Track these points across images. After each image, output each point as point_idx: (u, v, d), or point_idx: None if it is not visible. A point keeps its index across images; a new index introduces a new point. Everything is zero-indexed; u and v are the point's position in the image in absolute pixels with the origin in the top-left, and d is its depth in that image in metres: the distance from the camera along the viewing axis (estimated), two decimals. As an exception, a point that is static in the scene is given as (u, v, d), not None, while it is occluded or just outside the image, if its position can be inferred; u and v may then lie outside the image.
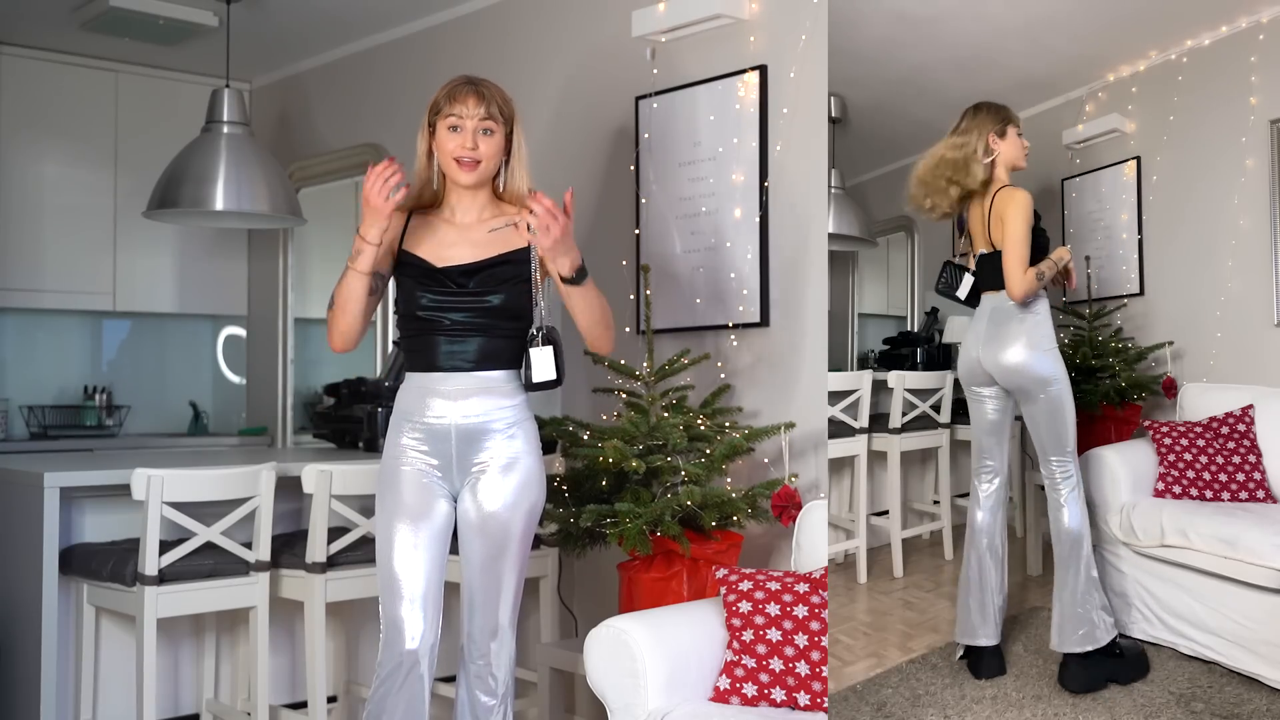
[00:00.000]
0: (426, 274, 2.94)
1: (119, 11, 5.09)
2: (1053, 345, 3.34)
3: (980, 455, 3.47)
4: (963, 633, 3.48)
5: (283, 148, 5.98)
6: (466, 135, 2.90)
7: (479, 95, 2.91)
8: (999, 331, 3.34)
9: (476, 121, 2.90)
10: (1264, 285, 3.44)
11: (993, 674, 3.40)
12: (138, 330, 6.30)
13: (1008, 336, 3.32)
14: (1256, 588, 3.15)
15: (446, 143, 2.92)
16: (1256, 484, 3.45)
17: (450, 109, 2.90)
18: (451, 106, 2.90)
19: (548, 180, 4.45)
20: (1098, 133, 3.89)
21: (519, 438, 2.94)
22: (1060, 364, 3.32)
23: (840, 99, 3.93)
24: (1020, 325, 3.31)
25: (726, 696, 2.90)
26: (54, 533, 3.64)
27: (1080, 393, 3.50)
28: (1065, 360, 3.37)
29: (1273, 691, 3.13)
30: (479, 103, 2.90)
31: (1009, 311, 3.31)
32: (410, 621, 2.88)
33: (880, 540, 4.09)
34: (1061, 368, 3.32)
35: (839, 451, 3.91)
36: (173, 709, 4.02)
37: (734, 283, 3.94)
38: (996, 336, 3.34)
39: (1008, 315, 3.32)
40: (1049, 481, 3.37)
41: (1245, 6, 3.47)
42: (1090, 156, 3.93)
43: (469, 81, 2.94)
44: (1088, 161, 3.94)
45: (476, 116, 2.90)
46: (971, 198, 3.41)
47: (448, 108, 2.91)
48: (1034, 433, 3.38)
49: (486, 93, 2.92)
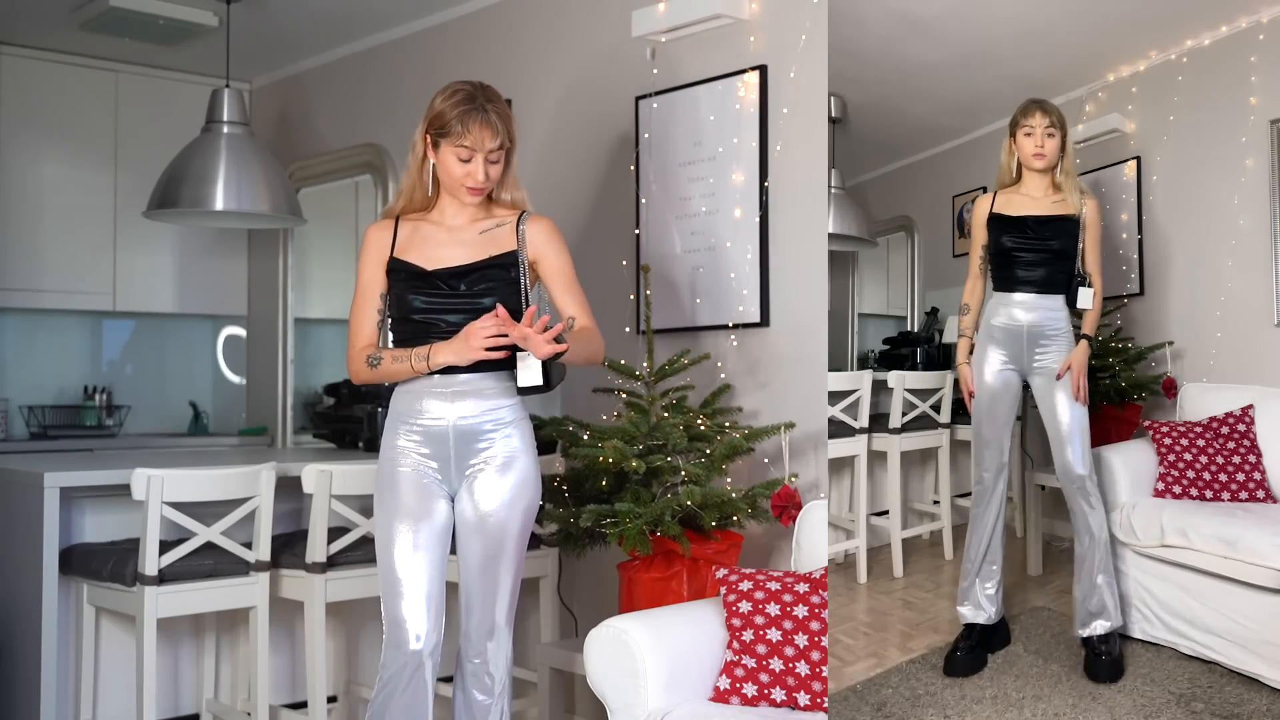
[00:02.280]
0: (418, 278, 2.93)
1: (119, 11, 5.09)
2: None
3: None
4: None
5: (283, 148, 5.98)
6: (478, 168, 2.88)
7: (493, 130, 2.85)
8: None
9: (488, 153, 2.88)
10: (1264, 285, 3.44)
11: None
12: (138, 330, 6.30)
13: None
14: (1257, 588, 3.15)
15: (454, 168, 2.89)
16: (1256, 484, 3.45)
17: (462, 139, 2.85)
18: (464, 137, 2.85)
19: (548, 180, 4.47)
20: (1098, 133, 3.89)
21: (515, 437, 2.94)
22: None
23: (840, 99, 3.93)
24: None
25: (726, 696, 2.90)
26: (54, 533, 3.64)
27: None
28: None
29: (1273, 691, 3.12)
30: (493, 137, 2.86)
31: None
32: (414, 622, 2.87)
33: (880, 540, 4.08)
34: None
35: (839, 451, 3.91)
36: (173, 709, 4.02)
37: (734, 283, 3.94)
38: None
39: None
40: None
41: (1245, 6, 3.46)
42: (1090, 156, 3.92)
43: (479, 109, 2.86)
44: (1088, 161, 3.93)
45: (489, 149, 2.87)
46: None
47: (459, 134, 2.85)
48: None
49: (498, 123, 2.86)
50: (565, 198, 4.46)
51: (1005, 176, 3.51)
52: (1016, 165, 3.48)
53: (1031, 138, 3.40)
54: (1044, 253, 3.42)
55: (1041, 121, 3.39)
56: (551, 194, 4.38)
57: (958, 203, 4.22)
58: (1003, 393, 3.46)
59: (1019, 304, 3.44)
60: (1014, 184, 3.50)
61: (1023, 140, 3.42)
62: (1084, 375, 3.38)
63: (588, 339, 2.98)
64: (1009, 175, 3.50)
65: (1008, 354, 3.45)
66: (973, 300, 3.55)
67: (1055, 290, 3.42)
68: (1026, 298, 3.43)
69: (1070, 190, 3.42)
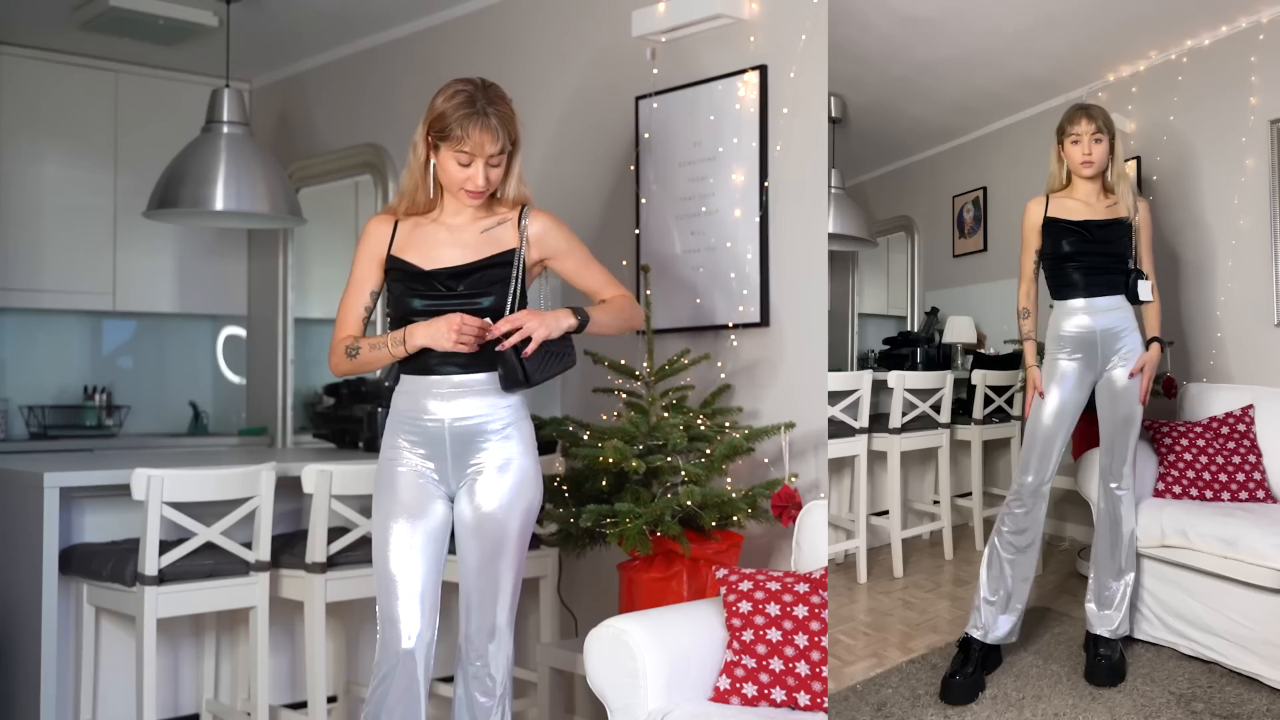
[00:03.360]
0: (415, 277, 2.92)
1: (119, 11, 5.09)
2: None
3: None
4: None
5: (283, 148, 5.98)
6: (478, 173, 2.85)
7: (493, 134, 2.81)
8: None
9: (488, 158, 2.85)
10: (1264, 285, 3.44)
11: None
12: (138, 330, 6.30)
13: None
14: (1257, 588, 3.15)
15: (455, 172, 2.86)
16: (1256, 484, 3.45)
17: (462, 144, 2.82)
18: (464, 142, 2.81)
19: (548, 180, 4.47)
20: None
21: (514, 438, 2.94)
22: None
23: (840, 99, 3.93)
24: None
25: (726, 696, 2.90)
26: (54, 533, 3.64)
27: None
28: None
29: (1273, 691, 3.13)
30: (494, 141, 2.82)
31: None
32: (406, 621, 2.87)
33: (880, 540, 4.08)
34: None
35: (839, 451, 3.91)
36: (173, 709, 4.02)
37: (734, 283, 3.94)
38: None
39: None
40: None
41: (1245, 6, 3.46)
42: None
43: (480, 113, 2.81)
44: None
45: (490, 154, 2.85)
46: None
47: (458, 139, 2.81)
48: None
49: (499, 127, 2.82)
50: (565, 198, 4.45)
51: (1055, 183, 3.45)
52: (1066, 172, 3.44)
53: (1079, 145, 3.35)
54: (1105, 256, 3.38)
55: (1088, 129, 3.35)
56: (551, 194, 4.37)
57: (958, 203, 4.22)
58: (1076, 400, 3.40)
59: (1087, 309, 3.38)
60: (1064, 189, 3.46)
61: (1070, 149, 3.37)
62: (1151, 378, 3.38)
63: (617, 309, 3.02)
64: (1058, 182, 3.45)
65: (1083, 359, 3.38)
66: (1030, 304, 3.48)
67: (1116, 291, 3.38)
68: (1093, 302, 3.38)
69: (1124, 193, 3.38)
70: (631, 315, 3.08)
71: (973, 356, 4.20)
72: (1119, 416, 3.38)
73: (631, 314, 3.08)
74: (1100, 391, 3.41)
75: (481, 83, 2.88)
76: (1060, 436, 3.39)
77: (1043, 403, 3.39)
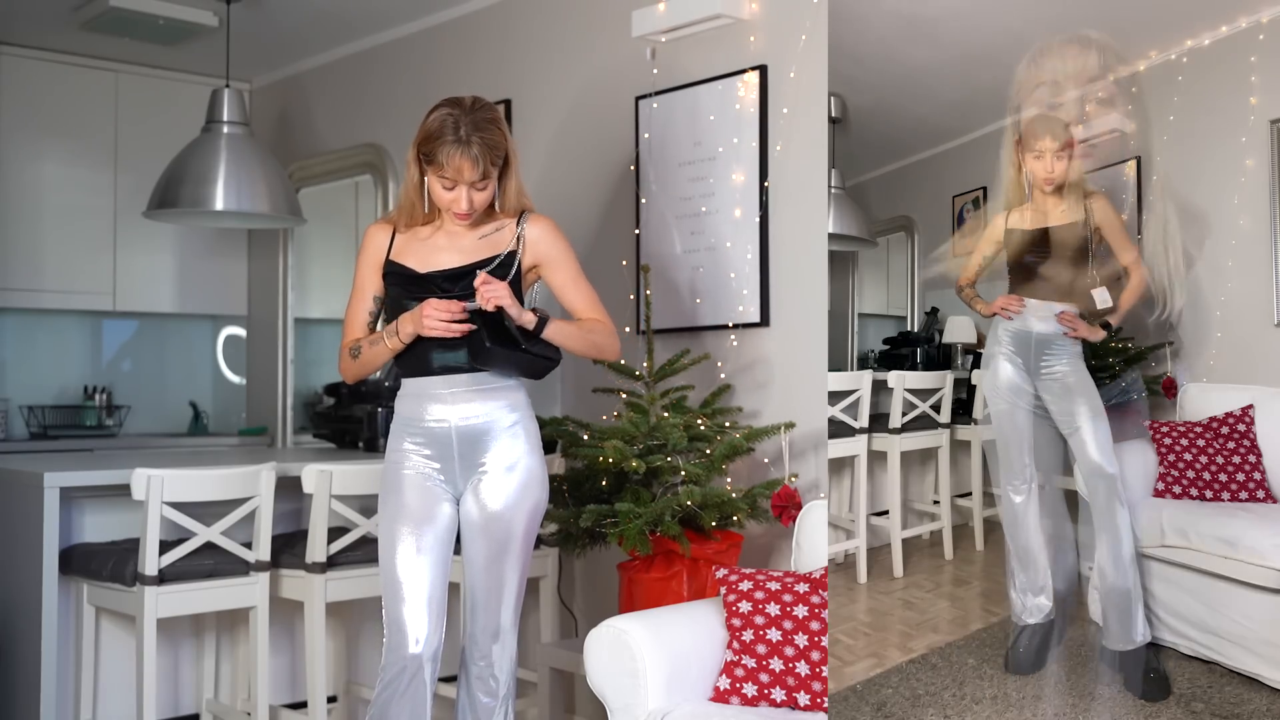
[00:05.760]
0: (412, 281, 2.93)
1: (119, 11, 5.09)
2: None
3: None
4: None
5: (283, 148, 5.98)
6: (461, 197, 2.86)
7: (472, 162, 2.80)
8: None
9: (470, 184, 2.85)
10: (1264, 285, 3.44)
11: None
12: (138, 330, 6.30)
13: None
14: (1257, 588, 3.15)
15: (441, 194, 2.88)
16: (1256, 484, 3.45)
17: (443, 171, 2.82)
18: (444, 169, 2.82)
19: (548, 181, 4.47)
20: (1098, 133, 3.89)
21: (520, 438, 2.94)
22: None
23: (840, 99, 3.93)
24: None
25: (726, 696, 2.90)
26: (54, 533, 3.64)
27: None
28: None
29: (1273, 691, 3.12)
30: (474, 169, 2.81)
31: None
32: (414, 626, 2.87)
33: (880, 540, 4.08)
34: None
35: (839, 451, 3.91)
36: (173, 709, 4.02)
37: (734, 283, 3.94)
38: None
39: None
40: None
41: (1245, 6, 3.46)
42: (1090, 156, 3.92)
43: (460, 141, 2.79)
44: (1087, 162, 3.93)
45: (470, 181, 2.84)
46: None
47: (439, 165, 2.82)
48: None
49: (480, 155, 2.80)
50: (565, 198, 4.46)
51: (1016, 196, 3.44)
52: (1028, 185, 3.44)
53: (1042, 161, 3.36)
54: (1061, 261, 3.39)
55: (1051, 146, 3.35)
56: (551, 194, 4.38)
57: (958, 203, 4.22)
58: (1024, 409, 3.45)
59: (1031, 311, 3.40)
60: (1024, 204, 3.46)
61: (1033, 163, 3.37)
62: (1078, 331, 3.39)
63: (586, 329, 2.99)
64: (1020, 195, 3.43)
65: (1022, 362, 3.41)
66: (969, 288, 3.54)
67: (1066, 298, 3.39)
68: (1041, 306, 3.40)
69: (1072, 198, 3.39)
70: (603, 343, 3.03)
71: (973, 356, 4.20)
72: (1064, 407, 3.40)
73: (604, 341, 3.03)
74: (1042, 393, 3.43)
75: (470, 104, 2.85)
76: (1014, 444, 3.43)
77: (989, 418, 3.46)
